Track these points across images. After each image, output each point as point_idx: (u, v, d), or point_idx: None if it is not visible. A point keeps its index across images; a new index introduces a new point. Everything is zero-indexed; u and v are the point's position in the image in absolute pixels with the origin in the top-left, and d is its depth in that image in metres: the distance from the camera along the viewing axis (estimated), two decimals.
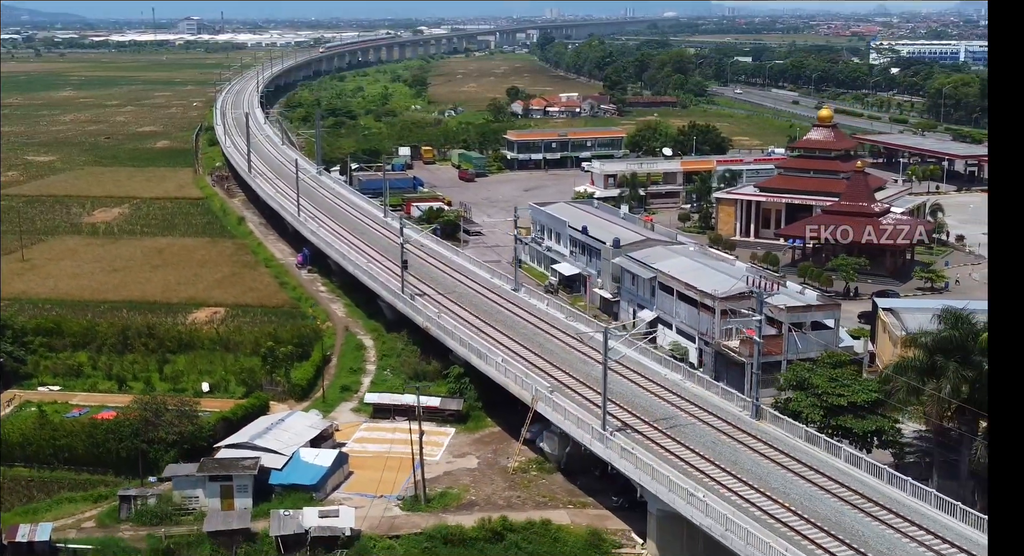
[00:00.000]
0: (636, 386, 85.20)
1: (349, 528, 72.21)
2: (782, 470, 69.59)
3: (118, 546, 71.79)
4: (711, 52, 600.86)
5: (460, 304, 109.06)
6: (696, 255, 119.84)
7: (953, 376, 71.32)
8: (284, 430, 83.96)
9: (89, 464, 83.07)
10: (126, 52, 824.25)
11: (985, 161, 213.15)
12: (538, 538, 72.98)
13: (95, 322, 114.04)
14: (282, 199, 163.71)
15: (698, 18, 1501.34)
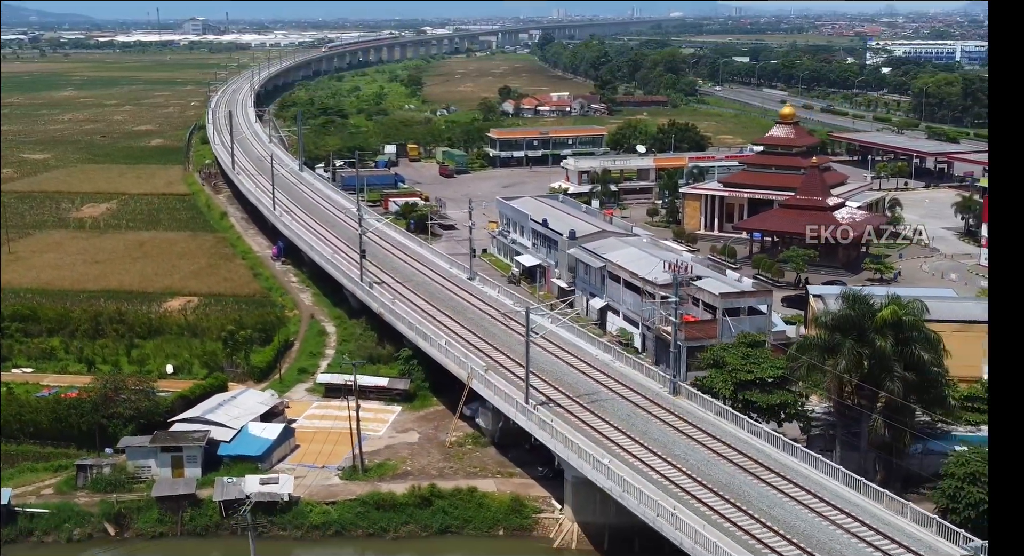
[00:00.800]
0: (567, 365, 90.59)
1: (288, 494, 77.79)
2: (687, 439, 74.98)
3: (72, 510, 77.43)
4: (709, 52, 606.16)
5: (416, 292, 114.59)
6: (646, 246, 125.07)
7: (848, 353, 76.60)
8: (235, 406, 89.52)
9: (53, 438, 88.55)
10: (130, 52, 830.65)
11: (953, 158, 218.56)
12: (464, 504, 78.51)
13: (69, 309, 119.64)
14: (261, 194, 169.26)
15: (703, 18, 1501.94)
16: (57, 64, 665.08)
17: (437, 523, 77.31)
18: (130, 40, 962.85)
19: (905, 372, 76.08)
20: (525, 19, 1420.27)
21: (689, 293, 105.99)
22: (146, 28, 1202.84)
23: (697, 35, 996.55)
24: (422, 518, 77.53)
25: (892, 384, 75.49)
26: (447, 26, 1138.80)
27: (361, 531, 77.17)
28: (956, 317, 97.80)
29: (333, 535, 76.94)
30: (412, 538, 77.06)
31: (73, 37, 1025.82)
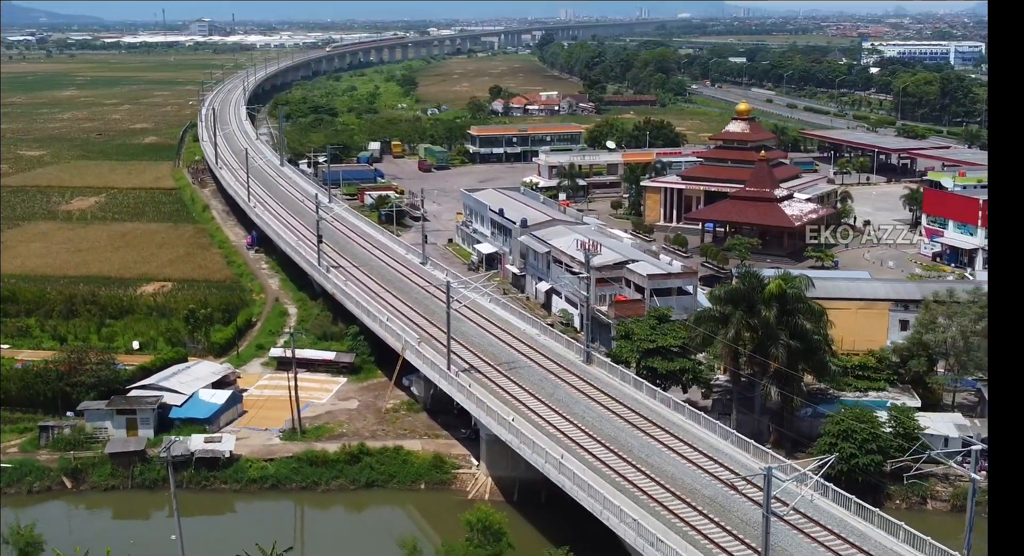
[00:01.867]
0: (494, 337, 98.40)
1: (229, 451, 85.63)
2: (587, 400, 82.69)
3: (33, 466, 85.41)
4: (707, 53, 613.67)
5: (370, 275, 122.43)
6: (591, 232, 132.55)
7: (737, 323, 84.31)
8: (188, 375, 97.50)
9: (20, 405, 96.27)
10: (136, 53, 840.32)
11: (914, 154, 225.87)
12: (390, 461, 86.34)
13: (46, 291, 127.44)
14: (239, 187, 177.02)
15: (710, 19, 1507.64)
16: (62, 64, 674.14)
17: (364, 477, 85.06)
18: (136, 41, 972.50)
19: (790, 340, 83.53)
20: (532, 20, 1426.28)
21: (622, 275, 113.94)
22: (153, 29, 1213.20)
23: (701, 36, 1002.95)
24: (351, 473, 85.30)
25: (777, 351, 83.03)
26: (453, 27, 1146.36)
27: (295, 485, 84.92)
28: (863, 296, 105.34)
29: (269, 488, 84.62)
30: (341, 491, 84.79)
31: (80, 38, 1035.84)
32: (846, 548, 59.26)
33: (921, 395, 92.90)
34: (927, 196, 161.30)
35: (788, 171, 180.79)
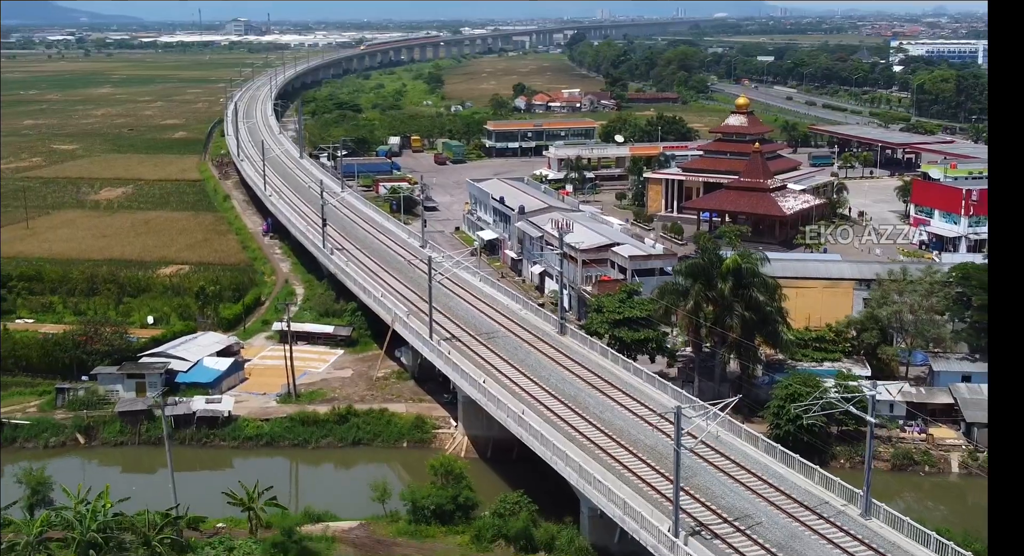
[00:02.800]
0: (477, 311, 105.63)
1: (227, 411, 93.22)
2: (555, 365, 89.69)
3: (50, 423, 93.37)
4: (735, 52, 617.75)
5: (371, 256, 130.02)
6: (583, 219, 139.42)
7: (695, 295, 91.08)
8: (195, 345, 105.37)
9: (41, 371, 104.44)
10: (172, 52, 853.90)
11: (918, 149, 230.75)
12: (375, 421, 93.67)
13: (70, 271, 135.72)
14: (258, 178, 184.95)
15: (745, 19, 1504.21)
16: (99, 63, 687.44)
17: (351, 436, 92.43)
18: (172, 41, 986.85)
19: (744, 311, 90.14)
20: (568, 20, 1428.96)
21: (607, 257, 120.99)
22: (190, 29, 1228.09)
23: (734, 35, 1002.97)
24: (339, 432, 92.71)
25: (732, 321, 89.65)
26: (487, 27, 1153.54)
27: (287, 442, 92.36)
28: (828, 276, 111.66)
29: (264, 445, 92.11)
30: (330, 448, 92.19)
31: (118, 38, 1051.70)
32: (747, 477, 66.21)
33: (877, 367, 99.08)
34: (915, 187, 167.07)
35: (786, 163, 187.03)
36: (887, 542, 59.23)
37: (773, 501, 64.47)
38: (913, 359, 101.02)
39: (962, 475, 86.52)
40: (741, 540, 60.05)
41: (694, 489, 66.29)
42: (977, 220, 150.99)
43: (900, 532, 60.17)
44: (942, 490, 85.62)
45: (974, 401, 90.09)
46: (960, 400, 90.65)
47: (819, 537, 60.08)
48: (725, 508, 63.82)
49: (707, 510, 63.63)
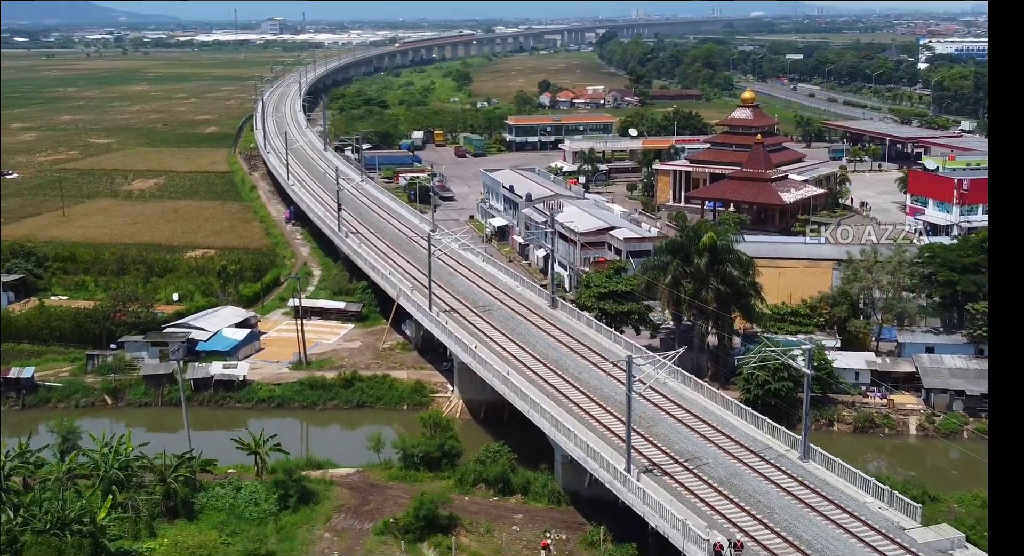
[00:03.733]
0: (477, 287, 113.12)
1: (243, 376, 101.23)
2: (544, 334, 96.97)
3: (80, 385, 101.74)
4: (765, 50, 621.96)
5: (383, 239, 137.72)
6: (587, 205, 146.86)
7: (673, 269, 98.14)
8: (215, 317, 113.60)
9: (73, 341, 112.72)
10: (208, 51, 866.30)
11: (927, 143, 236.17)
12: (378, 386, 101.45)
13: (102, 253, 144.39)
14: (282, 168, 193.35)
15: (781, 18, 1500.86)
16: (136, 62, 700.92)
17: (356, 399, 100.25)
18: (209, 39, 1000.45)
19: (719, 285, 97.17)
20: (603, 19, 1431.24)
21: (605, 240, 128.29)
22: (227, 28, 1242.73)
23: (768, 34, 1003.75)
24: (345, 395, 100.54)
25: (707, 294, 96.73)
26: (520, 26, 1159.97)
27: (297, 404, 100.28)
28: (810, 256, 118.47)
29: (276, 406, 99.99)
30: (336, 409, 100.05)
31: (155, 37, 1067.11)
32: (703, 427, 73.50)
33: (849, 341, 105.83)
34: (911, 178, 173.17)
35: (791, 155, 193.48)
36: (818, 479, 66.23)
37: (722, 446, 71.61)
38: (885, 335, 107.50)
39: (919, 437, 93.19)
40: (687, 477, 67.24)
41: (653, 436, 73.51)
42: (969, 209, 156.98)
43: (832, 471, 67.11)
44: (900, 450, 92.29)
45: (934, 370, 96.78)
46: (921, 369, 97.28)
47: (758, 475, 67.16)
48: (678, 451, 71.04)
49: (662, 453, 70.83)
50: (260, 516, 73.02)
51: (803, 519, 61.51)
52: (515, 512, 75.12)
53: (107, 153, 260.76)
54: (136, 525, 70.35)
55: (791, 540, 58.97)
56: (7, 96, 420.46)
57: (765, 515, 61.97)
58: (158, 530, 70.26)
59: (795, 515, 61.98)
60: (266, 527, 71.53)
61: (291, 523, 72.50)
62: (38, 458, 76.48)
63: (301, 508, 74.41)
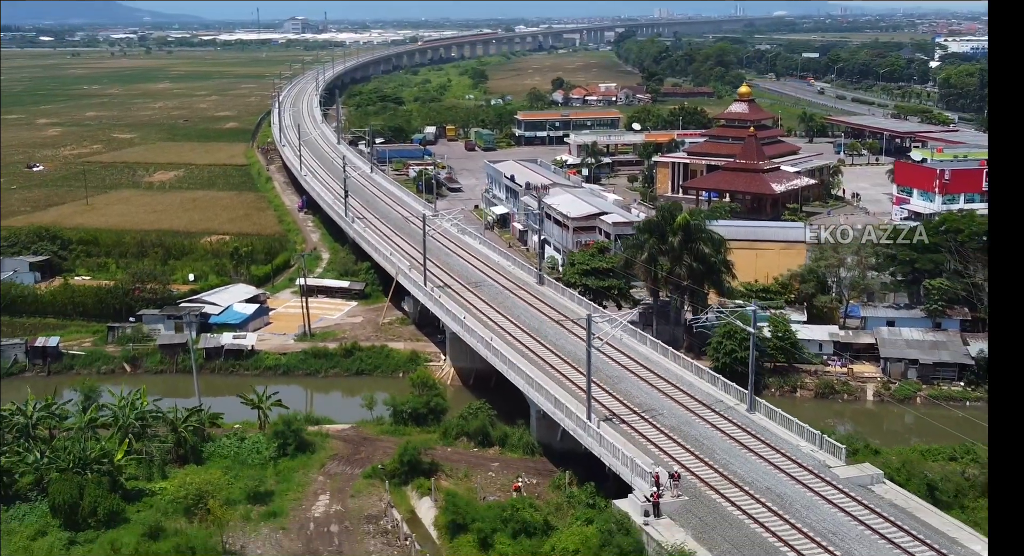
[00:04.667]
0: (471, 266, 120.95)
1: (251, 345, 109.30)
2: (528, 307, 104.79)
3: (101, 354, 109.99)
4: (781, 49, 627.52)
5: (386, 223, 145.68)
6: (581, 193, 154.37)
7: (650, 247, 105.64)
8: (227, 293, 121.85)
9: (95, 315, 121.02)
10: (230, 50, 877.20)
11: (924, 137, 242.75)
12: (376, 355, 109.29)
13: (123, 236, 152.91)
14: (296, 160, 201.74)
15: (803, 17, 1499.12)
16: (160, 61, 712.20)
17: (355, 367, 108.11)
18: (231, 38, 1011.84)
19: (692, 262, 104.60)
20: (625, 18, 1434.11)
21: (596, 225, 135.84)
22: (250, 27, 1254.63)
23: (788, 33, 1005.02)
24: (345, 364, 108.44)
25: (680, 269, 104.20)
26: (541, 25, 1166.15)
27: (301, 372, 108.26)
28: (786, 239, 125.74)
29: (282, 374, 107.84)
30: (337, 377, 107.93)
31: (179, 36, 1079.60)
32: (662, 383, 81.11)
33: (818, 315, 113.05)
34: (897, 169, 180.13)
35: (786, 147, 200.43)
36: (759, 427, 73.76)
37: (677, 399, 79.24)
38: (853, 311, 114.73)
39: (875, 402, 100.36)
40: (643, 425, 74.86)
41: (616, 392, 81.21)
42: (951, 198, 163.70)
43: (773, 420, 74.63)
44: (858, 414, 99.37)
45: (891, 341, 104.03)
46: (880, 340, 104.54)
47: (705, 423, 74.77)
48: (637, 404, 78.70)
49: (622, 405, 78.50)
50: (261, 462, 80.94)
51: (740, 458, 69.02)
52: (492, 461, 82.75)
53: (129, 147, 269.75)
54: (150, 469, 78.35)
55: (725, 474, 66.52)
56: (33, 93, 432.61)
57: (706, 455, 69.55)
58: (169, 473, 78.11)
59: (733, 455, 69.51)
60: (266, 471, 79.40)
61: (288, 468, 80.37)
62: (63, 411, 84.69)
63: (298, 456, 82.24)
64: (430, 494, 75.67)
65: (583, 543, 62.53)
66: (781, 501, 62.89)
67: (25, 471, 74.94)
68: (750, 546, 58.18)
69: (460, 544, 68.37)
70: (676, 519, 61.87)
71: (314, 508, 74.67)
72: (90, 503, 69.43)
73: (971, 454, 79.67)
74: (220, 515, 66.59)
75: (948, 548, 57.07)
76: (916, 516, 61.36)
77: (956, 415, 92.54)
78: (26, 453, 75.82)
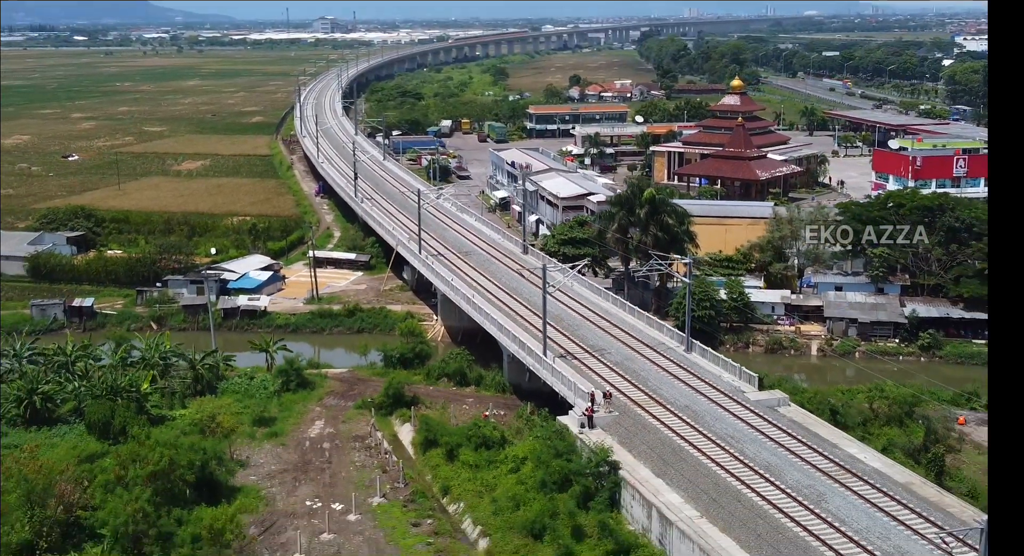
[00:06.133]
0: (465, 239, 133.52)
1: (264, 307, 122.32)
2: (511, 271, 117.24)
3: (131, 313, 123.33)
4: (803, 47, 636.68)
5: (392, 203, 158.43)
6: (574, 177, 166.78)
7: (620, 219, 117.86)
8: (244, 262, 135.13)
9: (125, 282, 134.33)
10: (260, 49, 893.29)
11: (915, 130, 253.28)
12: (375, 316, 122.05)
13: (152, 216, 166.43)
14: (313, 147, 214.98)
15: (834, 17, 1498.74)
16: (191, 59, 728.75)
17: (356, 325, 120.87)
18: (261, 38, 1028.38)
19: (658, 232, 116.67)
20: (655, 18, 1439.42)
21: (583, 204, 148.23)
22: (280, 27, 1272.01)
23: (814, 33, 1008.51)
24: (348, 323, 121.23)
25: (647, 239, 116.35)
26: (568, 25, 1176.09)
27: (308, 329, 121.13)
28: (752, 215, 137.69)
29: (291, 331, 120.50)
30: (341, 334, 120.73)
31: (210, 35, 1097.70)
32: (615, 330, 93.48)
33: (776, 282, 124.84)
34: (876, 156, 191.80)
35: (776, 138, 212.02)
36: (691, 363, 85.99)
37: (624, 341, 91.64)
38: (807, 281, 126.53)
39: (819, 357, 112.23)
40: (592, 360, 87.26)
41: (575, 337, 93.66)
42: (923, 183, 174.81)
43: (704, 358, 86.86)
44: (803, 367, 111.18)
45: (835, 303, 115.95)
46: (826, 303, 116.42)
47: (645, 359, 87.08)
48: (590, 345, 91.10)
49: (577, 346, 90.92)
50: (267, 396, 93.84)
51: (668, 385, 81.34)
52: (468, 397, 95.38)
53: (159, 139, 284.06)
54: (172, 399, 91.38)
55: (654, 396, 78.83)
56: (68, 90, 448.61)
57: (640, 382, 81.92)
58: (187, 404, 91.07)
59: (663, 382, 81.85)
60: (270, 402, 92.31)
61: (290, 400, 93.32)
62: (98, 351, 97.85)
63: (300, 391, 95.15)
64: (410, 421, 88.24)
65: (530, 451, 74.99)
66: (695, 415, 75.10)
67: (65, 398, 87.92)
68: (662, 447, 70.45)
69: (431, 456, 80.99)
70: (606, 429, 74.22)
71: (310, 430, 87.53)
72: (120, 423, 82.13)
73: (884, 393, 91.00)
74: (228, 426, 79.37)
75: (829, 451, 68.98)
76: (809, 428, 73.39)
77: (891, 368, 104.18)
78: (66, 383, 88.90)
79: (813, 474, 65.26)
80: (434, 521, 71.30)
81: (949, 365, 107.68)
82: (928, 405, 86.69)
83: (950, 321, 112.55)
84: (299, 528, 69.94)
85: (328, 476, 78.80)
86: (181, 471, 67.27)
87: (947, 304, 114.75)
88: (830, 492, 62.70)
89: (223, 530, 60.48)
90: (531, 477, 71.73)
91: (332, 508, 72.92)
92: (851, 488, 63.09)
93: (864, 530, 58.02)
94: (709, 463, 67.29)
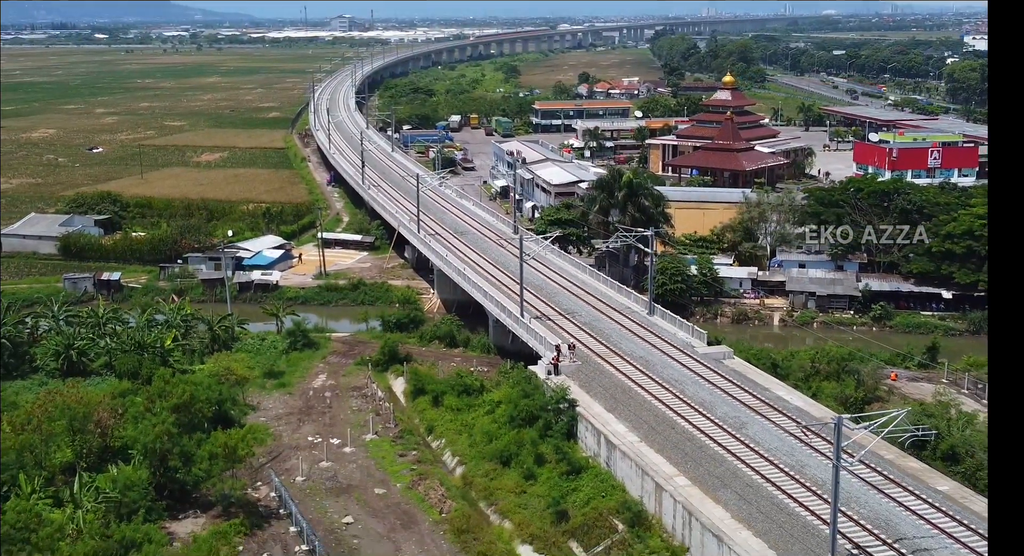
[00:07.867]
0: (463, 222, 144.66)
1: (276, 282, 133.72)
2: (501, 249, 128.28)
3: (153, 287, 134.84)
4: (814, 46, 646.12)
5: (396, 190, 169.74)
6: (568, 166, 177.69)
7: (600, 201, 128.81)
8: (258, 242, 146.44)
9: (149, 260, 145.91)
10: (278, 47, 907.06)
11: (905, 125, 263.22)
12: (378, 290, 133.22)
13: (173, 202, 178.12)
14: (325, 139, 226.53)
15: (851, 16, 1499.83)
16: (210, 57, 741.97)
17: (360, 298, 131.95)
18: (280, 36, 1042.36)
19: (635, 213, 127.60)
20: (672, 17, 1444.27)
21: (574, 191, 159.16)
22: (298, 26, 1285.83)
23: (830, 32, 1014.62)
24: (353, 296, 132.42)
25: (624, 219, 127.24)
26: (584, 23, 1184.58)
27: (316, 302, 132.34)
28: (728, 200, 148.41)
29: (301, 304, 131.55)
30: (346, 306, 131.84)
31: (229, 33, 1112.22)
32: (589, 297, 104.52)
33: (747, 260, 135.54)
34: (856, 148, 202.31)
35: (765, 131, 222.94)
36: (651, 323, 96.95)
37: (594, 305, 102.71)
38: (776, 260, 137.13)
39: (780, 327, 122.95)
40: (564, 321, 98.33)
41: (552, 302, 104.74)
42: (900, 174, 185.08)
43: (664, 320, 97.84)
44: (766, 336, 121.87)
45: (797, 278, 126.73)
46: (788, 278, 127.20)
47: (611, 320, 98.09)
48: (564, 309, 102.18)
49: (552, 309, 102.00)
50: (277, 353, 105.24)
51: (628, 340, 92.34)
52: (456, 357, 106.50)
53: (179, 133, 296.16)
54: (191, 356, 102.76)
55: (614, 350, 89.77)
56: (90, 86, 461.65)
57: (604, 338, 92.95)
58: (205, 360, 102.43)
59: (623, 338, 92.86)
60: (280, 359, 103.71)
61: (297, 358, 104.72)
62: (126, 316, 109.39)
63: (306, 351, 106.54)
64: (403, 375, 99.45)
65: (504, 396, 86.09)
66: (648, 365, 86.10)
67: (98, 353, 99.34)
68: (615, 389, 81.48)
69: (419, 402, 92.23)
70: (570, 375, 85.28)
71: (314, 382, 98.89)
72: (146, 373, 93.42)
73: (827, 354, 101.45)
74: (242, 375, 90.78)
75: (760, 393, 79.79)
76: (747, 376, 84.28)
77: (845, 337, 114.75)
78: (99, 339, 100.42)
79: (740, 408, 76.17)
80: (418, 452, 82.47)
81: (898, 334, 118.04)
82: (866, 363, 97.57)
83: (900, 294, 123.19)
84: (301, 457, 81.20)
85: (328, 418, 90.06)
86: (200, 405, 78.29)
87: (899, 279, 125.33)
88: (751, 421, 73.61)
89: (236, 448, 71.61)
90: (503, 416, 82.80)
91: (330, 442, 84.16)
92: (771, 419, 73.96)
93: (774, 449, 68.93)
94: (653, 400, 78.24)
